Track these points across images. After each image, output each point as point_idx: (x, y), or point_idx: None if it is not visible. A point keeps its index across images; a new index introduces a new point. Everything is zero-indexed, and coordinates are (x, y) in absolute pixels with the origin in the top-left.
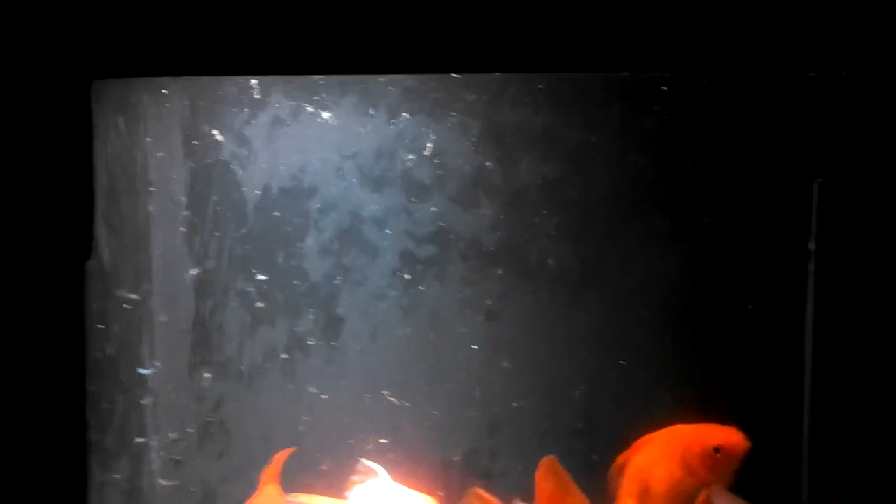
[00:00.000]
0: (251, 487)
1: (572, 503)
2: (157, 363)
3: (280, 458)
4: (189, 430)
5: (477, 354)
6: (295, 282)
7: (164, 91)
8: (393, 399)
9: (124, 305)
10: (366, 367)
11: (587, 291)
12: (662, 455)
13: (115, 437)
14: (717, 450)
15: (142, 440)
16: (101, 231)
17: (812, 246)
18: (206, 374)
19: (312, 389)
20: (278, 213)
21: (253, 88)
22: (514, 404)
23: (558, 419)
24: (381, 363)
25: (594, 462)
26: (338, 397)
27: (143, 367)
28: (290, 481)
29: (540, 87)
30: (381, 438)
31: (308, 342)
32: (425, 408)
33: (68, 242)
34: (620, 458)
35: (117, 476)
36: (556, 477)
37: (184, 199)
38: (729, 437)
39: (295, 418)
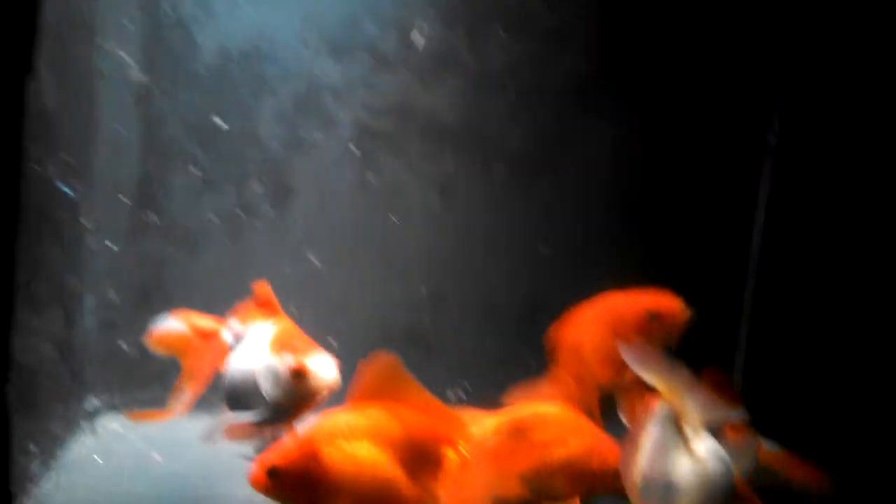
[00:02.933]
0: None
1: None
2: (76, 187)
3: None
4: (128, 292)
5: (425, 230)
6: (246, 147)
7: None
8: (328, 267)
9: (65, 158)
10: (314, 237)
11: (542, 174)
12: (594, 324)
13: (47, 285)
14: (652, 315)
15: (76, 295)
16: (45, 75)
17: (772, 139)
18: (148, 236)
19: (258, 257)
20: (234, 77)
21: None
22: (463, 281)
23: (504, 298)
24: (330, 235)
25: (539, 340)
26: (284, 266)
27: (65, 185)
28: None
29: None
30: (326, 308)
31: (256, 209)
32: (373, 279)
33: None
34: (553, 332)
35: (48, 325)
36: (388, 376)
37: (135, 55)
38: (665, 302)
39: (239, 285)
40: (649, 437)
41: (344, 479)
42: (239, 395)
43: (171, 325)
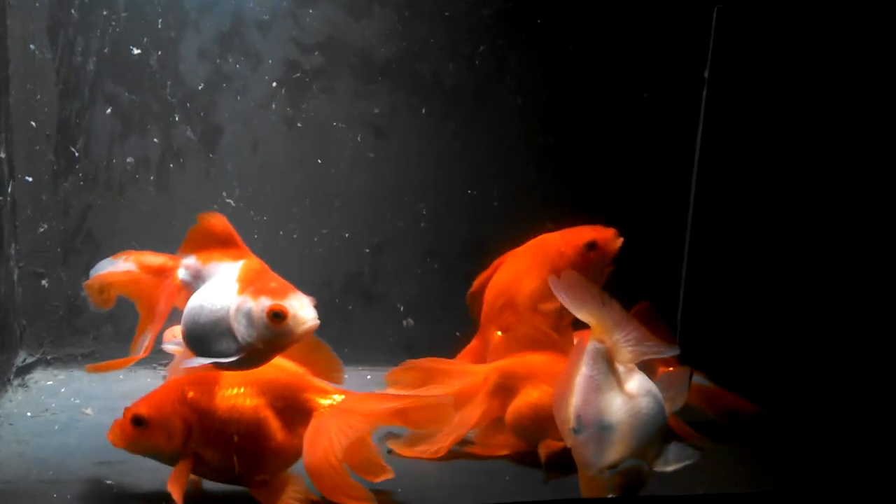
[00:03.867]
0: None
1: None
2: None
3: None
4: (53, 241)
5: (363, 172)
6: (170, 87)
7: None
8: (259, 213)
9: None
10: (245, 181)
11: (479, 110)
12: (529, 265)
13: None
14: (590, 246)
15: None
16: None
17: (706, 74)
18: (71, 181)
19: (185, 202)
20: (153, 10)
21: None
22: (399, 224)
23: (441, 241)
24: (262, 179)
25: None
26: (215, 210)
27: None
28: None
29: None
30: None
31: (182, 151)
32: (306, 225)
33: None
34: (478, 281)
35: None
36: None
37: None
38: (601, 233)
39: (168, 233)
40: (581, 375)
41: (213, 425)
42: (207, 338)
43: (116, 266)
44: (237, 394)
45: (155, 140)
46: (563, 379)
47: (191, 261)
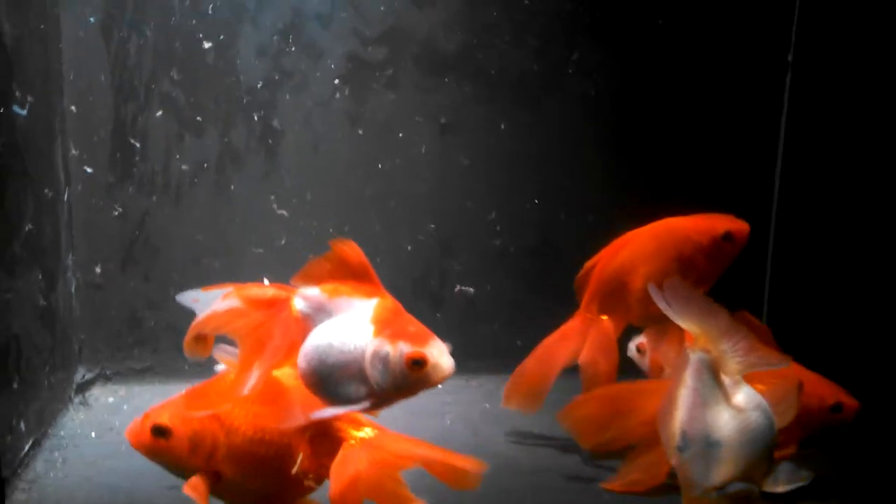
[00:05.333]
0: (180, 315)
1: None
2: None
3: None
4: (109, 250)
5: (428, 170)
6: (228, 86)
7: None
8: (322, 216)
9: (27, 98)
10: (306, 182)
11: (548, 101)
12: (651, 250)
13: (23, 243)
14: (727, 237)
15: (55, 254)
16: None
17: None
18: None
19: (246, 206)
20: (209, 6)
21: None
22: (466, 224)
23: (514, 235)
24: (324, 177)
25: (550, 279)
26: (275, 215)
27: (18, 107)
28: None
29: None
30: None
31: (241, 154)
32: (371, 227)
33: None
34: (590, 263)
35: (26, 288)
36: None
37: None
38: (737, 224)
39: (227, 237)
40: (685, 388)
41: (240, 444)
42: (334, 379)
43: (217, 306)
44: (266, 414)
45: (213, 141)
46: (667, 392)
47: (312, 292)
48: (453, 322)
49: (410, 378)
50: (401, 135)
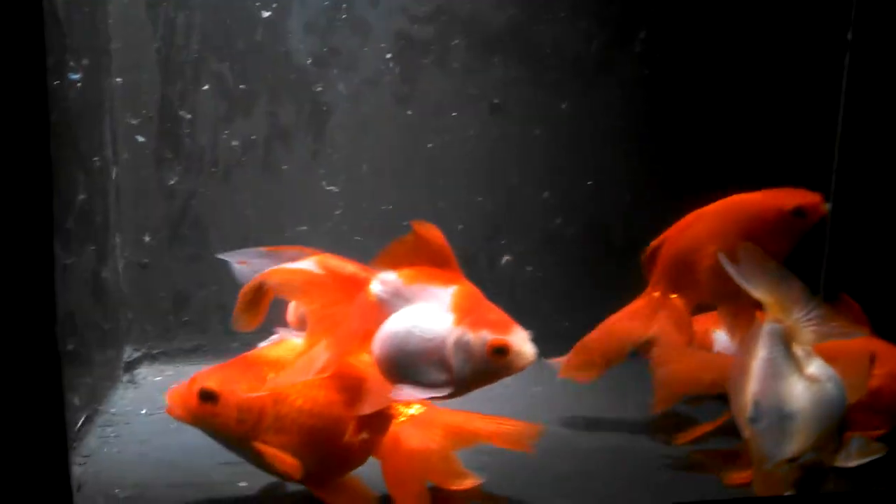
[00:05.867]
0: (229, 295)
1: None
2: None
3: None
4: (157, 228)
5: (478, 151)
6: (275, 63)
7: None
8: (371, 196)
9: (73, 77)
10: (354, 163)
11: (602, 81)
12: (719, 227)
13: (79, 222)
14: (797, 212)
15: (106, 232)
16: None
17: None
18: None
19: (294, 186)
20: None
21: None
22: (516, 207)
23: (566, 217)
24: (372, 159)
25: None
26: (324, 193)
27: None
28: None
29: None
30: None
31: (290, 133)
32: (420, 208)
33: None
34: (656, 242)
35: (82, 265)
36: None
37: None
38: (809, 198)
39: (276, 216)
40: (758, 358)
41: (289, 414)
42: (415, 366)
43: (293, 263)
44: (317, 385)
45: (260, 120)
46: (739, 363)
47: (390, 277)
48: (500, 303)
49: (492, 366)
50: (452, 114)
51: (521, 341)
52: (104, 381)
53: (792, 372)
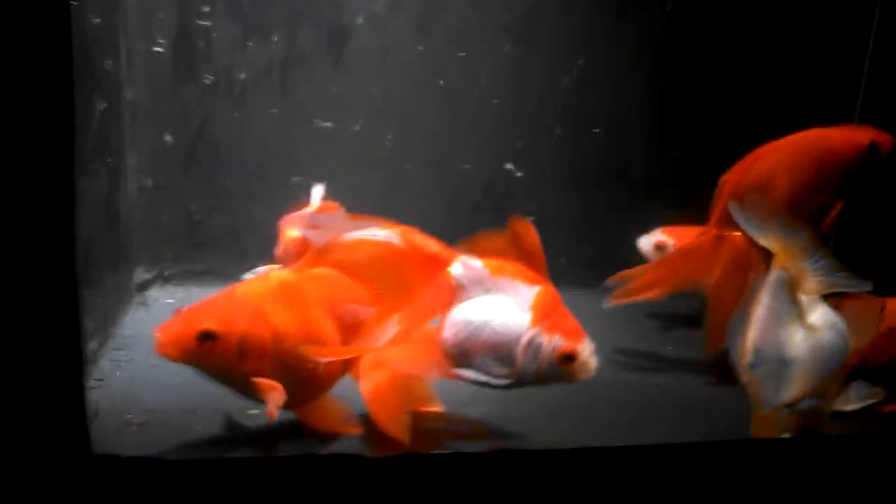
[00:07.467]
0: (242, 219)
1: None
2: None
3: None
4: (171, 151)
5: (496, 78)
6: None
7: None
8: (390, 125)
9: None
10: (372, 91)
11: (624, 17)
12: (791, 161)
13: (90, 139)
14: (872, 148)
15: (119, 153)
16: None
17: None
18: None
19: (310, 111)
20: None
21: None
22: (535, 143)
23: (581, 154)
24: (391, 89)
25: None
26: (342, 123)
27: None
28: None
29: None
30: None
31: (307, 57)
32: (439, 137)
33: None
34: (723, 178)
35: (93, 186)
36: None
37: None
38: (883, 136)
39: (292, 143)
40: (761, 306)
41: (289, 349)
42: (483, 356)
43: (371, 232)
44: (312, 316)
45: (276, 45)
46: (742, 309)
47: (475, 263)
48: None
49: (557, 370)
50: (470, 46)
51: (589, 353)
52: (116, 303)
53: (793, 320)
